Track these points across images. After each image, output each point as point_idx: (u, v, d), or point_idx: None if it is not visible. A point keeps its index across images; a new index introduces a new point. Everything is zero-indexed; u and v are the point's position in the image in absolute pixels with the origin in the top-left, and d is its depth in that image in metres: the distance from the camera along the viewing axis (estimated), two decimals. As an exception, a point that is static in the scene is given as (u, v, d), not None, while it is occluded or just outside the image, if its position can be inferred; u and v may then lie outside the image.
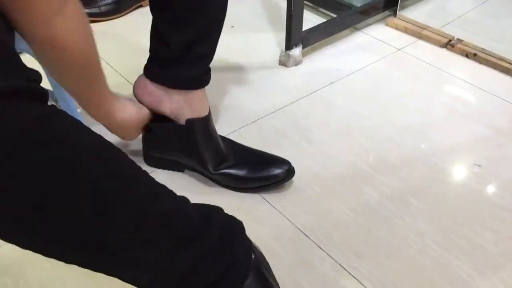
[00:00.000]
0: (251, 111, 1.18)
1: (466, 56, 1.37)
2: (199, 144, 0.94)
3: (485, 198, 0.97)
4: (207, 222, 0.65)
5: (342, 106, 1.21)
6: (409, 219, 0.92)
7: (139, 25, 1.54)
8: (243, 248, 0.71)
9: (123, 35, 1.48)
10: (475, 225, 0.91)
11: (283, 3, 1.33)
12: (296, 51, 1.33)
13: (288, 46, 1.32)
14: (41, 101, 0.46)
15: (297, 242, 0.89)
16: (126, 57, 1.36)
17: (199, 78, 0.93)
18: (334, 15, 1.51)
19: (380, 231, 0.90)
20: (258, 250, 0.77)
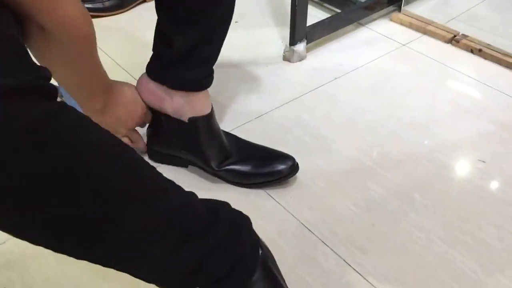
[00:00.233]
0: (255, 107, 1.18)
1: (471, 52, 1.37)
2: (202, 142, 0.94)
3: (489, 194, 0.97)
4: (215, 217, 0.65)
5: (346, 102, 1.20)
6: (413, 215, 0.92)
7: (143, 20, 1.54)
8: (251, 243, 0.71)
9: (127, 30, 1.48)
10: (479, 221, 0.91)
11: (287, -2, 1.33)
12: (300, 47, 1.33)
13: (292, 42, 1.31)
14: (50, 98, 0.46)
15: (301, 238, 0.89)
16: (130, 52, 1.36)
17: (201, 81, 0.92)
18: (339, 10, 1.51)
19: (385, 227, 0.90)
20: (265, 246, 0.77)
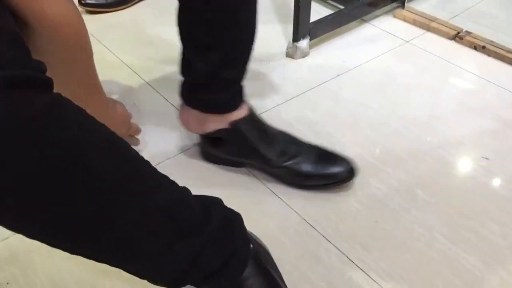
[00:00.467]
0: (258, 103, 1.18)
1: (475, 49, 1.37)
2: (252, 143, 0.93)
3: (492, 191, 0.97)
4: (208, 213, 0.66)
5: (349, 98, 1.20)
6: (416, 212, 0.92)
7: (146, 16, 1.54)
8: (242, 239, 0.72)
9: (130, 27, 1.48)
10: (482, 218, 0.91)
11: (291, -5, 1.33)
12: (304, 43, 1.33)
13: (296, 38, 1.31)
14: (46, 90, 0.46)
15: (304, 234, 0.89)
16: (133, 49, 1.36)
17: (230, 103, 0.91)
18: (342, 7, 1.51)
19: (387, 224, 0.90)
20: (258, 241, 0.78)
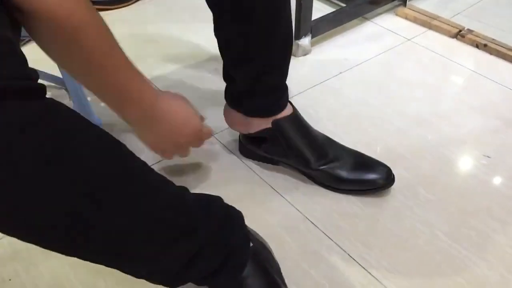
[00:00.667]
0: (260, 101, 1.18)
1: (476, 47, 1.36)
2: (292, 143, 0.93)
3: (494, 189, 0.97)
4: (207, 213, 0.65)
5: (351, 96, 1.20)
6: (418, 210, 0.92)
7: (147, 14, 1.54)
8: (241, 238, 0.71)
9: (131, 24, 1.48)
10: (484, 216, 0.91)
11: (292, -8, 1.33)
12: (305, 41, 1.33)
13: (297, 36, 1.31)
14: (39, 98, 0.46)
15: (306, 232, 0.89)
16: (134, 47, 1.36)
17: (273, 107, 0.92)
18: (344, 5, 1.51)
19: (389, 222, 0.90)
20: (259, 240, 0.77)
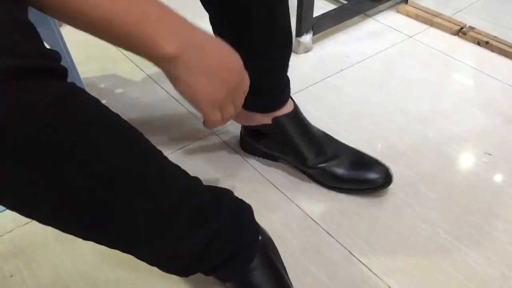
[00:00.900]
0: (261, 98, 1.18)
1: (478, 44, 1.36)
2: (291, 140, 0.93)
3: (495, 187, 0.97)
4: (219, 205, 0.66)
5: (352, 93, 1.20)
6: (419, 207, 0.92)
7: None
8: (252, 231, 0.73)
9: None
10: (485, 214, 0.91)
11: (294, -11, 1.32)
12: (307, 38, 1.33)
13: (299, 33, 1.31)
14: (60, 79, 0.46)
15: (307, 229, 0.89)
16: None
17: (273, 104, 0.92)
18: (345, 2, 1.50)
19: (390, 219, 0.90)
20: (265, 233, 0.79)
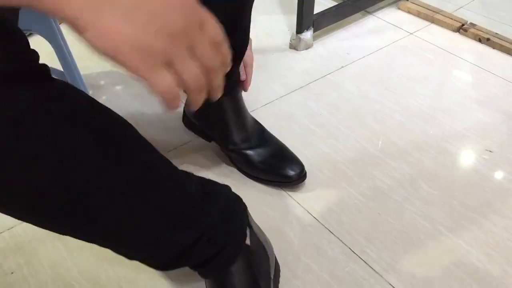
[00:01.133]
0: (261, 95, 1.18)
1: (479, 41, 1.36)
2: (226, 121, 0.94)
3: (496, 184, 0.97)
4: (208, 201, 0.64)
5: (353, 90, 1.20)
6: (420, 204, 0.92)
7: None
8: (238, 234, 0.70)
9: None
10: (486, 210, 0.91)
11: (295, -14, 1.32)
12: (307, 35, 1.32)
13: (299, 30, 1.31)
14: (43, 80, 0.46)
15: (307, 226, 0.89)
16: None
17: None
18: (346, -2, 1.50)
19: (390, 216, 0.90)
20: (258, 238, 0.75)
